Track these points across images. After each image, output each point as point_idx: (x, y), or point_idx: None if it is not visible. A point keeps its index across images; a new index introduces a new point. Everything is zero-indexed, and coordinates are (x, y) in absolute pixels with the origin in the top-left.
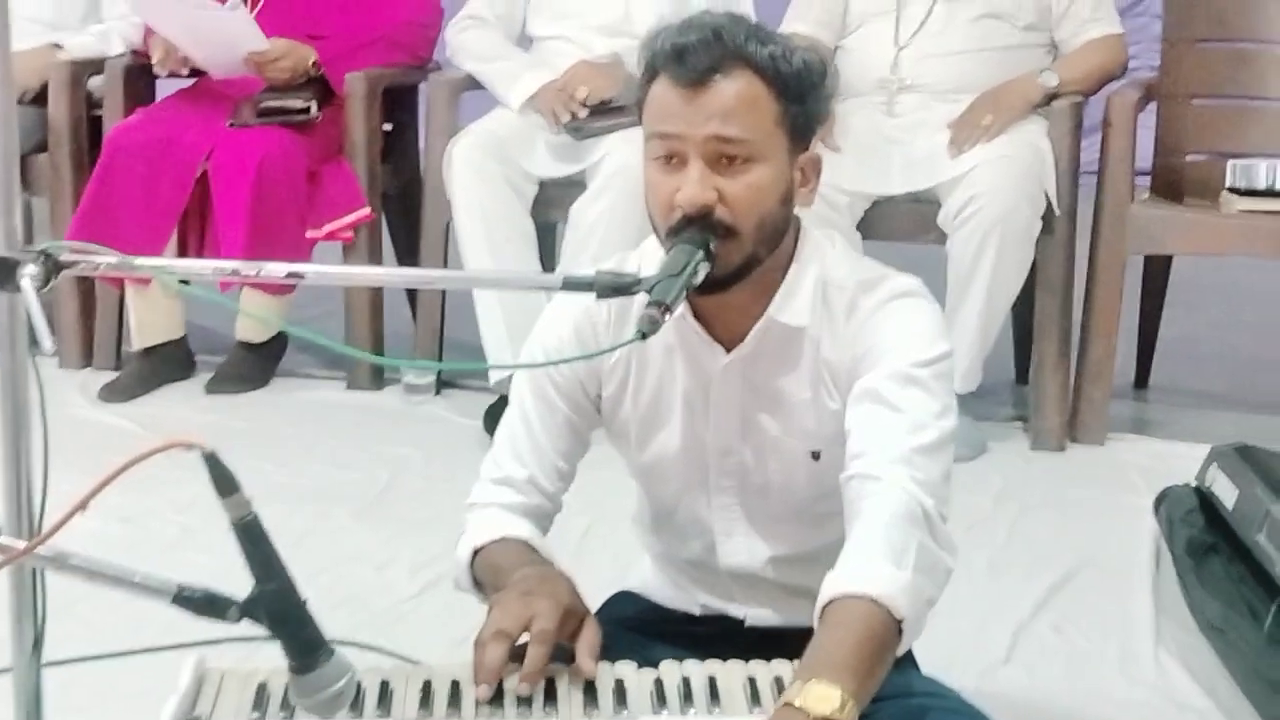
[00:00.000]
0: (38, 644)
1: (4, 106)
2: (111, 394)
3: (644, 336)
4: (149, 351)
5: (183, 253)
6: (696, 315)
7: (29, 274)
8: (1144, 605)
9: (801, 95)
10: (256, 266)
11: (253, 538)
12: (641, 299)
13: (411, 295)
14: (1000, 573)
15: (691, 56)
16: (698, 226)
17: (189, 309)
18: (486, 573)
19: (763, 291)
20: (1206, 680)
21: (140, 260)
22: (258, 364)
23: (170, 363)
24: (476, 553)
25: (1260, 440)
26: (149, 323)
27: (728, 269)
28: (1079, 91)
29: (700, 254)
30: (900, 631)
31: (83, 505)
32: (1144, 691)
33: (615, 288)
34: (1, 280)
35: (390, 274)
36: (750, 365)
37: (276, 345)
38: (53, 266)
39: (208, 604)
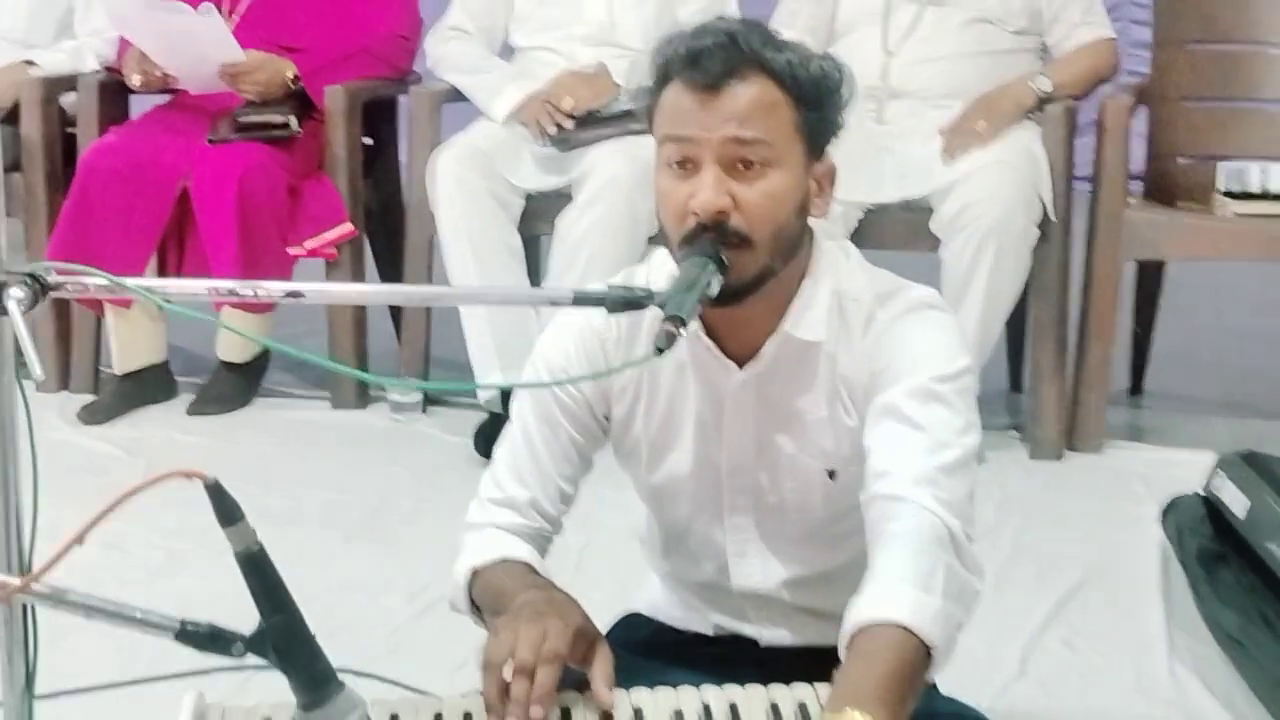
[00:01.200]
0: (30, 679)
1: None
2: (91, 416)
3: (660, 353)
4: (130, 376)
5: (162, 272)
6: (709, 331)
7: (15, 297)
8: (1156, 618)
9: (819, 102)
10: (253, 286)
11: (258, 569)
12: (651, 314)
13: (395, 312)
14: (1007, 586)
15: (707, 60)
16: (712, 235)
17: (170, 330)
18: (486, 595)
19: (777, 305)
20: (1224, 694)
21: (131, 281)
22: (240, 384)
23: (152, 385)
24: (475, 574)
25: (1258, 446)
26: (131, 346)
27: (742, 280)
28: (1072, 95)
29: (713, 265)
30: (930, 658)
31: (79, 539)
32: (1161, 707)
33: (627, 302)
34: None
35: (391, 291)
36: (765, 382)
37: (258, 365)
38: (39, 288)
39: (212, 640)
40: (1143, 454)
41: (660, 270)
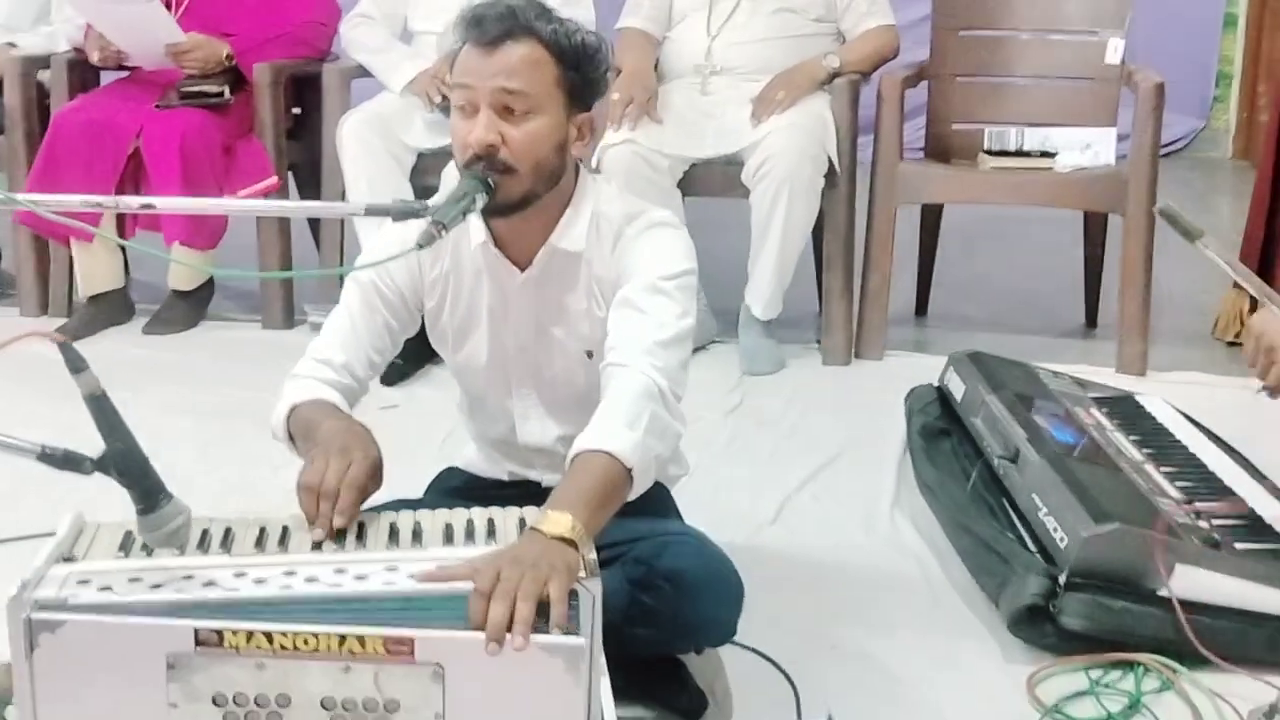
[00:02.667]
0: None
1: None
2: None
3: (420, 247)
4: (94, 299)
5: (119, 217)
6: (497, 242)
7: None
8: (888, 479)
9: (578, 64)
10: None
11: (102, 408)
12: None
13: (316, 238)
14: (779, 458)
15: (489, 25)
16: (483, 164)
17: (135, 265)
18: (299, 425)
19: (548, 223)
20: (927, 531)
21: (19, 196)
22: (188, 310)
23: (113, 308)
24: (293, 409)
25: (1005, 354)
26: (93, 274)
27: (508, 200)
28: (858, 71)
29: (481, 185)
30: (631, 479)
31: None
32: (879, 541)
33: (407, 212)
34: None
35: (228, 205)
36: (539, 283)
37: (204, 293)
38: None
39: (66, 460)
40: (917, 360)
41: (447, 187)
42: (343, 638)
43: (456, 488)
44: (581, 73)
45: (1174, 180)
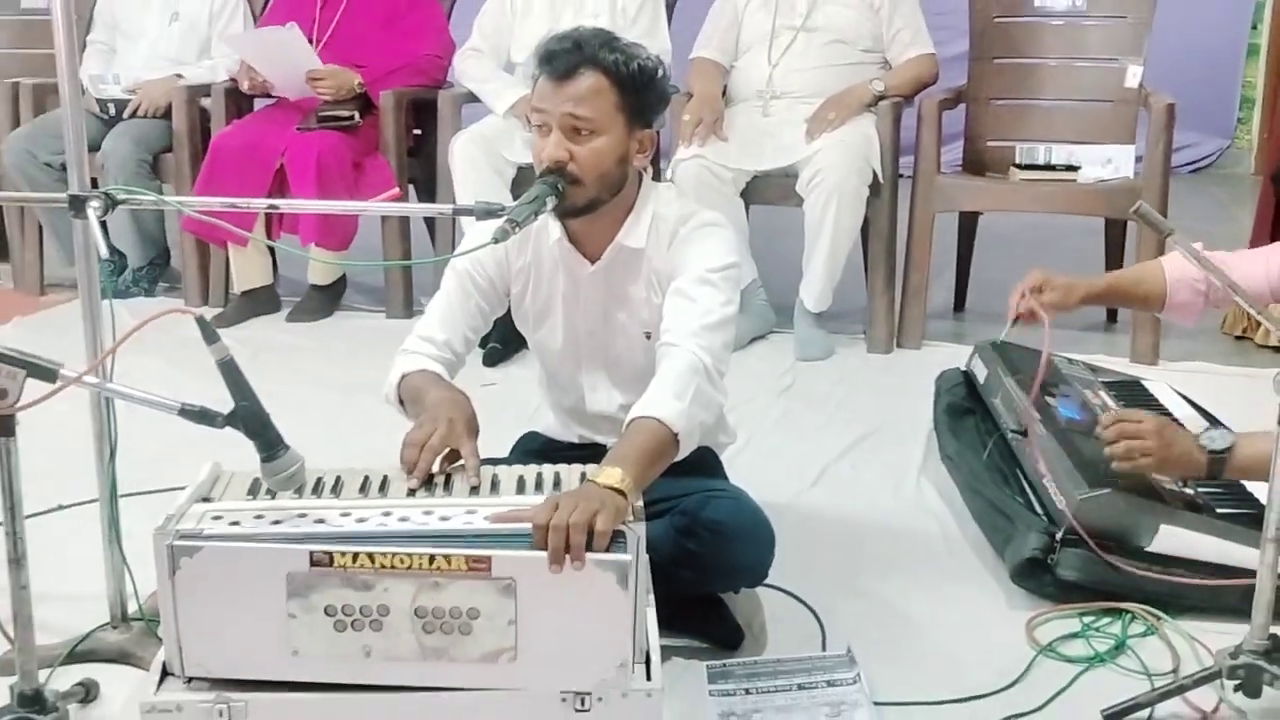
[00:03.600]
0: (112, 456)
1: (71, 94)
2: (219, 323)
3: (496, 241)
4: (246, 293)
5: (267, 222)
6: (571, 239)
7: (93, 206)
8: (917, 449)
9: (638, 89)
10: (246, 202)
11: (231, 372)
12: (537, 224)
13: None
14: (823, 432)
15: (558, 60)
16: (555, 175)
17: (281, 264)
18: (409, 392)
19: (614, 223)
20: (947, 495)
21: (177, 198)
22: (324, 301)
23: (262, 301)
24: (404, 378)
25: (1033, 344)
26: (245, 272)
27: (575, 205)
28: (900, 95)
29: (551, 193)
30: (677, 442)
31: (112, 350)
32: (905, 504)
33: (488, 212)
34: (76, 210)
35: (330, 205)
36: (606, 275)
37: (338, 287)
38: (110, 202)
39: (201, 415)
40: (952, 349)
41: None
42: (432, 557)
43: (535, 450)
44: (641, 96)
45: (1201, 194)
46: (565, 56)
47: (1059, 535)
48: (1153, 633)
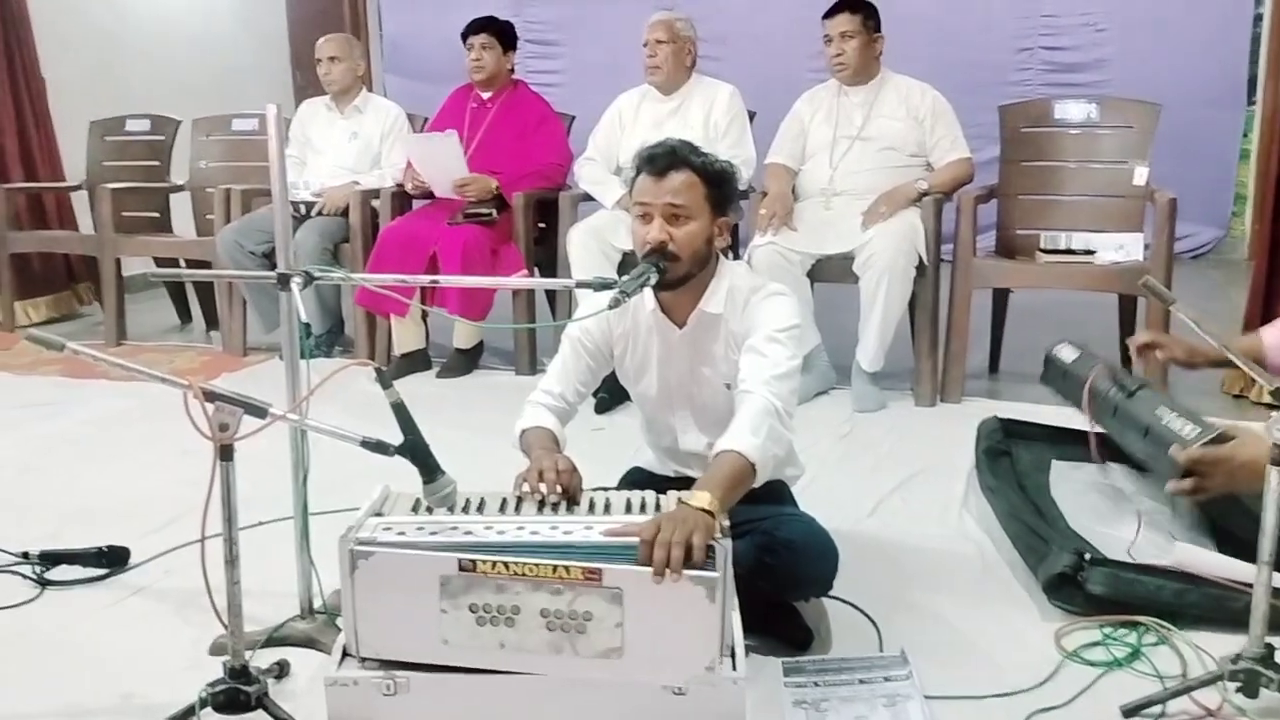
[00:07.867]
0: (304, 486)
1: (280, 196)
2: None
3: (610, 308)
4: (404, 355)
5: (423, 299)
6: (663, 309)
7: (296, 282)
8: (959, 486)
9: (720, 185)
10: (409, 279)
11: (401, 412)
12: (637, 298)
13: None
14: (878, 471)
15: (658, 160)
16: (657, 254)
17: (432, 332)
18: (526, 443)
19: (698, 294)
20: (986, 524)
21: (357, 275)
22: (466, 361)
23: (417, 361)
24: (523, 432)
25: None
26: (404, 338)
27: (674, 278)
28: (942, 192)
29: (653, 269)
30: (754, 471)
31: (311, 393)
32: (949, 531)
33: (603, 285)
34: (282, 285)
35: (477, 280)
36: (692, 337)
37: (477, 350)
38: (308, 278)
39: (378, 446)
40: (988, 404)
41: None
42: (555, 567)
43: (638, 482)
44: (721, 190)
45: (1200, 276)
46: (663, 158)
47: (1088, 555)
48: (1164, 642)
